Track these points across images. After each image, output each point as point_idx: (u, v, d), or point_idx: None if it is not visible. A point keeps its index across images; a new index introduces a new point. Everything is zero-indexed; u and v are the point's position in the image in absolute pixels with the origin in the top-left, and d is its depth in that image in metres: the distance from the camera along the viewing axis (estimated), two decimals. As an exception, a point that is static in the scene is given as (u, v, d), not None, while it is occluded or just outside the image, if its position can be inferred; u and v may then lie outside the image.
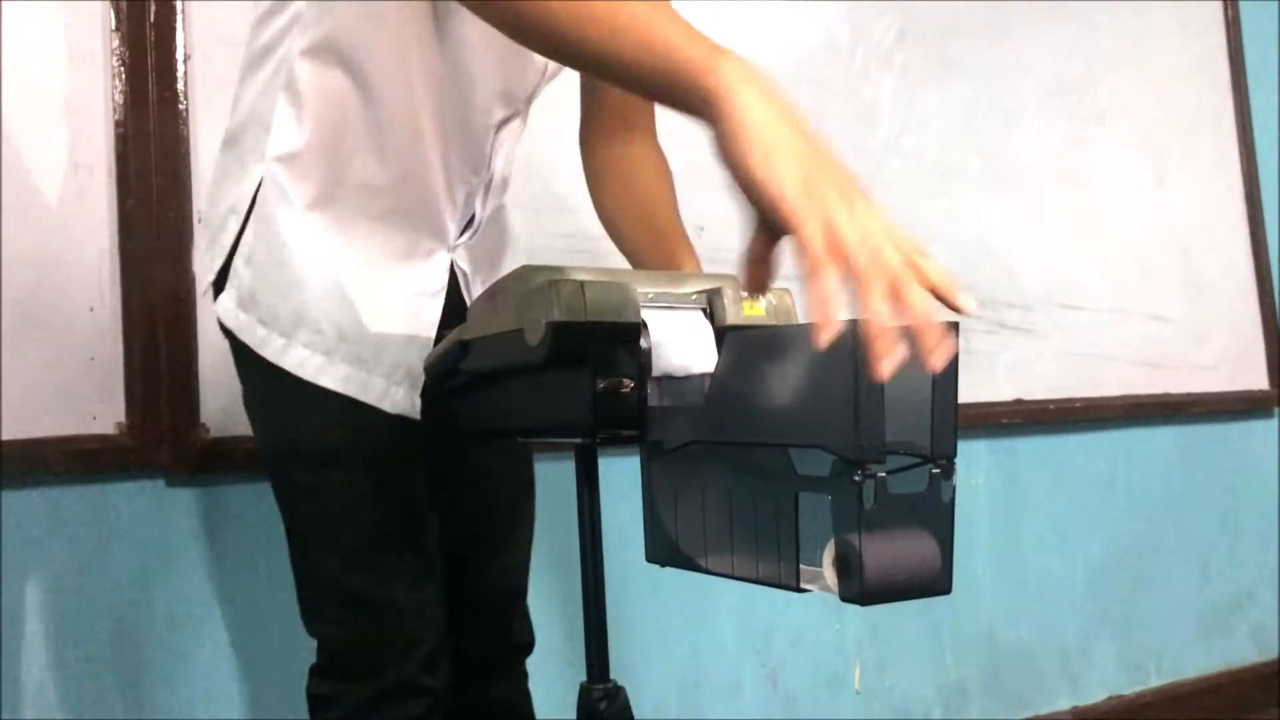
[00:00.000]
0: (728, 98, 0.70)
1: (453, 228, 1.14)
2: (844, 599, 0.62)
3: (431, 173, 1.10)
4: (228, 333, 1.11)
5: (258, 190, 1.07)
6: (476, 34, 1.06)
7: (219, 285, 1.12)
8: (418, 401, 1.08)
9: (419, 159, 1.08)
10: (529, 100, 1.17)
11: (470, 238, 1.17)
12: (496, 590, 1.26)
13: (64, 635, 1.45)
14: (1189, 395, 2.65)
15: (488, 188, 1.17)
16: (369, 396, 1.07)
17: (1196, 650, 2.65)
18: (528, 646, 1.29)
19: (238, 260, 1.08)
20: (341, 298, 1.06)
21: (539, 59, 1.11)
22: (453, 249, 1.15)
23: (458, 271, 1.16)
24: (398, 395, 1.08)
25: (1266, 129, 2.93)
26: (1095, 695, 2.49)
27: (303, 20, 1.05)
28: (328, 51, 1.04)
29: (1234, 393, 2.77)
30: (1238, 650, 2.73)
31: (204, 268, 1.18)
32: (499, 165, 1.17)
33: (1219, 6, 2.91)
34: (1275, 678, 2.74)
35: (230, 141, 1.13)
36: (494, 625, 1.26)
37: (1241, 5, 2.93)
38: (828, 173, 0.68)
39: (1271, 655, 2.78)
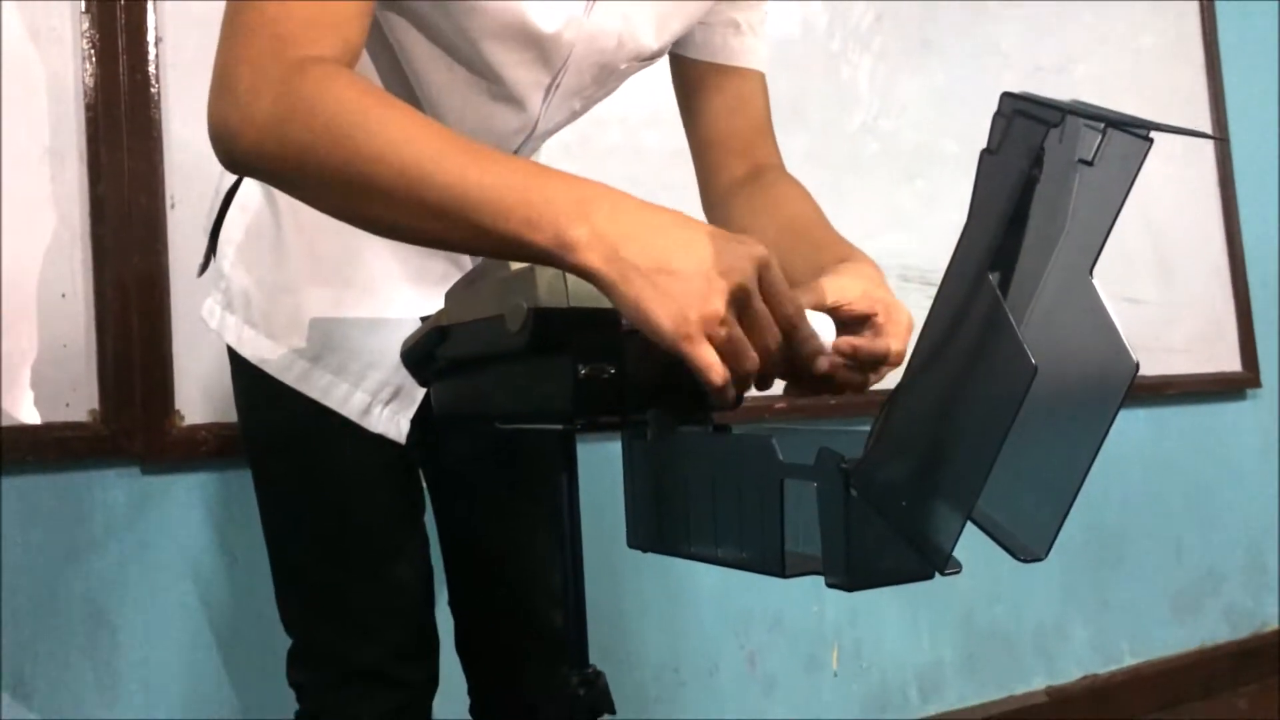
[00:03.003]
0: (582, 257, 0.70)
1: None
2: (830, 585, 0.62)
3: None
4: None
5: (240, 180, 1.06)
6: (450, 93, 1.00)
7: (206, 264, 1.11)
8: (405, 425, 1.06)
9: None
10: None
11: None
12: (507, 584, 1.20)
13: (39, 625, 1.44)
14: (1161, 377, 2.67)
15: None
16: (349, 411, 1.05)
17: (1170, 630, 2.68)
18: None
19: (232, 266, 1.07)
20: (340, 309, 1.04)
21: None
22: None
23: None
24: (381, 415, 1.06)
25: (1239, 112, 2.94)
26: (1070, 675, 2.51)
27: None
28: None
29: (1206, 375, 2.79)
30: (1210, 630, 2.76)
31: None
32: None
33: (1193, -10, 2.93)
34: (1247, 657, 2.77)
35: None
36: (514, 620, 1.19)
37: (1215, -11, 2.95)
38: (698, 283, 0.68)
39: (1243, 634, 2.81)
